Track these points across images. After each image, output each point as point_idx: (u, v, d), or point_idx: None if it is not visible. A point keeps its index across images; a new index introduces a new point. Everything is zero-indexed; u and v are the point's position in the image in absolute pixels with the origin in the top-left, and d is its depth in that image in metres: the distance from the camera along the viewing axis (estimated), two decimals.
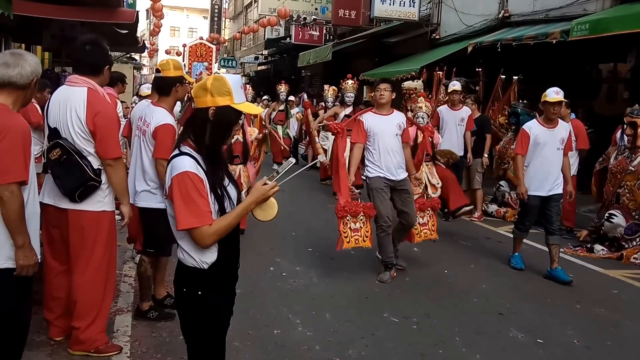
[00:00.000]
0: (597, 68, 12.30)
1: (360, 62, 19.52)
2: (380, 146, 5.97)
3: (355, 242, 5.98)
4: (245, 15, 39.90)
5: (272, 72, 31.82)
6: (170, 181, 2.45)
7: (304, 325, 4.79)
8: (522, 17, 12.44)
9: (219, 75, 2.63)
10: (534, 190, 6.28)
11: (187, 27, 65.96)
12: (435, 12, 15.91)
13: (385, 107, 6.07)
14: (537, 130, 6.33)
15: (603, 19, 9.32)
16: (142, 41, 16.54)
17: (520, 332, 4.80)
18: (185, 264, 2.55)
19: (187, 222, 2.41)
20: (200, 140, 2.54)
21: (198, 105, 2.54)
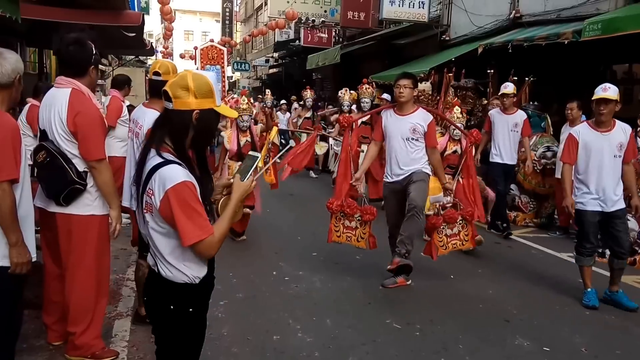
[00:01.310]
0: (612, 69, 12.13)
1: (370, 64, 19.45)
2: (389, 149, 5.78)
3: (347, 239, 5.98)
4: (256, 18, 40.02)
5: (283, 75, 31.85)
6: (164, 194, 2.26)
7: (304, 331, 4.73)
8: (533, 18, 12.32)
9: (200, 74, 2.43)
10: (589, 205, 5.54)
11: (201, 31, 66.16)
12: (445, 13, 15.81)
13: (405, 106, 5.69)
14: (587, 135, 5.60)
15: (616, 18, 9.19)
16: (150, 44, 16.57)
17: (526, 340, 4.71)
18: (175, 281, 2.39)
19: (194, 235, 2.26)
20: (181, 146, 2.39)
21: (178, 106, 2.35)
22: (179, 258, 2.37)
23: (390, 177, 5.85)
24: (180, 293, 2.41)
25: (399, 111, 5.75)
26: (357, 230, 5.96)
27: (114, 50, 17.69)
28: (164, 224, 2.33)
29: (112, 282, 5.13)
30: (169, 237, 2.35)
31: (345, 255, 6.93)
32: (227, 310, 5.11)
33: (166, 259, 2.37)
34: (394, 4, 15.46)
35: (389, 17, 15.81)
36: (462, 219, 5.96)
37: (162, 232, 2.35)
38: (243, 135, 7.36)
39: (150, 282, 2.51)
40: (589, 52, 10.53)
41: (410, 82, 5.64)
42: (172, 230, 2.32)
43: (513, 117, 8.26)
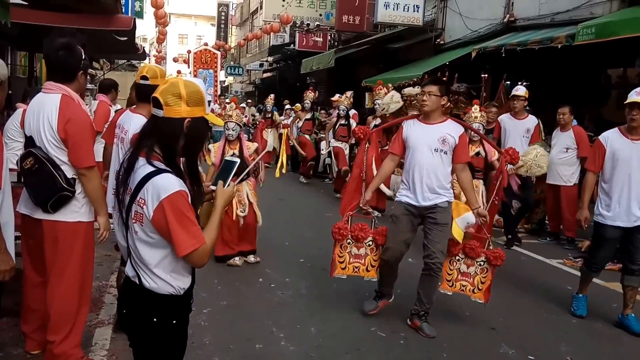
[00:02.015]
0: (606, 73, 12.17)
1: (364, 68, 19.49)
2: (412, 162, 4.92)
3: (354, 270, 5.21)
4: (251, 22, 40.10)
5: (277, 79, 31.88)
6: (159, 204, 2.24)
7: (287, 339, 4.72)
8: (527, 22, 12.35)
9: (191, 81, 2.41)
10: (613, 219, 5.14)
11: (196, 35, 66.26)
12: (440, 17, 15.85)
13: (431, 115, 4.88)
14: (617, 143, 5.16)
15: (610, 22, 9.22)
16: (142, 48, 16.59)
17: (512, 348, 4.70)
18: (160, 292, 2.36)
19: (189, 245, 2.26)
20: (172, 154, 2.37)
21: (170, 114, 2.32)
22: (166, 269, 2.36)
23: (410, 198, 4.95)
24: (165, 305, 2.39)
25: (426, 120, 4.94)
26: (367, 258, 5.24)
27: (105, 54, 17.69)
28: (154, 234, 2.31)
29: (94, 289, 5.11)
30: (157, 248, 2.34)
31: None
32: (211, 318, 5.09)
33: (152, 270, 2.35)
34: (388, 7, 15.49)
35: (384, 20, 15.84)
36: (485, 260, 5.05)
37: (150, 243, 2.33)
38: (231, 146, 6.65)
39: (129, 294, 2.47)
40: (583, 57, 10.58)
41: (437, 89, 4.82)
42: (161, 241, 2.31)
43: (524, 123, 8.04)
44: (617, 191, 5.15)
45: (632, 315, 5.26)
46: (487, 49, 11.97)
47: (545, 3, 12.01)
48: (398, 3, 15.34)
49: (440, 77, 5.32)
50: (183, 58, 36.71)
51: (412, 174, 4.90)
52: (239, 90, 43.11)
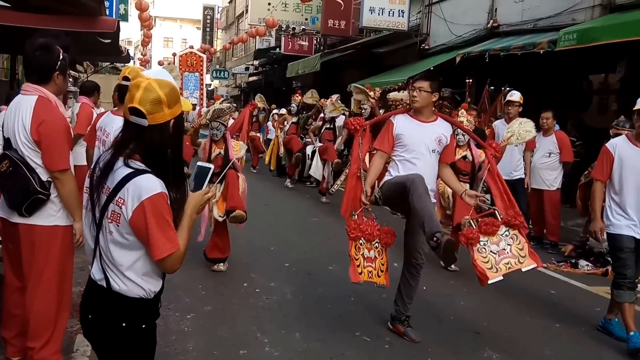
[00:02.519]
0: (588, 79, 12.28)
1: (350, 72, 19.53)
2: (410, 161, 4.72)
3: (368, 275, 4.69)
4: (237, 25, 40.01)
5: (263, 83, 31.85)
6: (140, 204, 2.20)
7: (271, 345, 4.67)
8: (510, 27, 12.46)
9: (162, 80, 2.32)
10: (625, 229, 4.87)
11: (181, 38, 66.07)
12: (425, 22, 15.94)
13: (424, 112, 4.72)
14: (625, 150, 4.93)
15: (591, 28, 9.32)
16: (126, 51, 16.48)
17: (496, 352, 4.70)
18: (129, 295, 2.31)
19: (166, 249, 2.22)
20: (156, 158, 2.30)
21: (156, 121, 2.26)
22: (138, 272, 2.31)
23: None
24: (134, 309, 2.34)
25: (419, 117, 4.74)
26: (377, 262, 4.78)
27: (89, 57, 17.55)
28: (129, 236, 2.26)
29: (75, 294, 5.01)
30: (131, 250, 2.29)
31: (318, 266, 6.90)
32: (194, 323, 5.03)
33: (123, 272, 2.30)
34: (373, 12, 15.55)
35: (369, 25, 15.90)
36: (507, 228, 4.79)
37: (124, 244, 2.28)
38: (216, 146, 6.57)
39: (94, 297, 2.39)
40: (565, 62, 10.66)
41: (428, 85, 4.63)
42: (135, 242, 2.27)
43: None
44: (631, 201, 4.88)
45: (616, 320, 5.19)
46: (471, 54, 12.05)
47: (528, 9, 12.12)
48: (383, 8, 15.40)
49: (432, 73, 4.98)
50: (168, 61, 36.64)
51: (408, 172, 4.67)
52: (225, 94, 42.99)
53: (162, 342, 4.55)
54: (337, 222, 9.52)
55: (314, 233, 8.79)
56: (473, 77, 11.56)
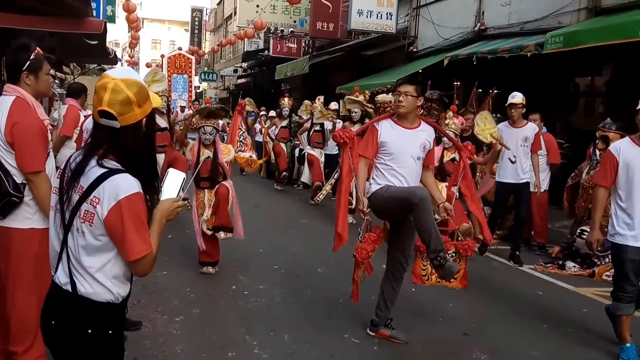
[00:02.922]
0: (574, 82, 12.37)
1: (338, 75, 19.55)
2: (396, 170, 4.62)
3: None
4: (225, 27, 39.94)
5: (252, 85, 31.81)
6: (116, 203, 2.15)
7: (260, 347, 4.66)
8: (497, 30, 12.52)
9: (128, 78, 2.25)
10: (631, 239, 4.57)
11: (169, 40, 65.86)
12: (413, 25, 15.97)
13: (407, 117, 4.64)
14: (630, 153, 4.62)
15: (577, 31, 9.39)
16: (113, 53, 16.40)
17: (484, 354, 4.71)
18: (97, 299, 2.23)
19: (141, 250, 2.18)
20: (131, 158, 2.27)
21: (127, 122, 2.22)
22: (107, 275, 2.24)
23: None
24: (101, 314, 2.26)
25: (404, 123, 4.66)
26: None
27: (76, 58, 17.45)
28: (102, 237, 2.20)
29: None
30: (102, 252, 2.23)
31: (307, 268, 6.90)
32: (183, 326, 5.01)
33: (93, 275, 2.22)
34: (362, 14, 15.56)
35: (357, 28, 15.91)
36: (455, 252, 4.98)
37: (96, 246, 2.21)
38: (206, 148, 6.45)
39: (58, 303, 2.29)
40: (552, 65, 10.73)
41: (413, 89, 4.56)
42: (107, 244, 2.21)
43: (523, 131, 7.50)
44: (633, 207, 4.58)
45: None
46: (459, 57, 12.10)
47: (515, 12, 12.19)
48: (371, 11, 15.42)
49: (416, 76, 4.90)
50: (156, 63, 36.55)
51: (394, 183, 4.62)
52: (213, 96, 42.88)
53: (150, 345, 4.58)
54: (326, 224, 9.53)
55: (303, 235, 8.79)
56: (461, 80, 11.60)
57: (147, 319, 5.09)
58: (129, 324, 4.83)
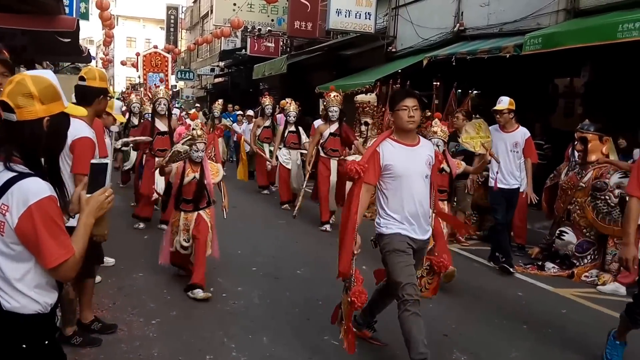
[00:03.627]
0: (553, 83, 12.53)
1: (317, 74, 19.57)
2: (405, 192, 4.28)
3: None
4: (201, 26, 39.76)
5: (229, 85, 31.71)
6: (27, 209, 2.05)
7: (238, 350, 4.66)
8: (477, 31, 12.63)
9: (39, 75, 2.22)
10: None
11: (144, 38, 65.39)
12: (392, 25, 16.05)
13: (411, 134, 4.31)
14: None
15: (556, 33, 9.51)
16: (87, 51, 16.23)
17: (464, 355, 4.76)
18: (25, 312, 2.13)
19: (59, 255, 2.08)
20: (36, 158, 2.19)
21: (24, 117, 2.14)
22: (29, 284, 2.14)
23: (408, 231, 4.31)
24: (32, 326, 2.17)
25: (405, 140, 4.31)
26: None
27: (49, 56, 17.25)
28: (16, 245, 2.10)
29: None
30: (19, 261, 2.12)
31: (286, 270, 6.90)
32: (159, 329, 4.98)
33: (15, 286, 2.11)
34: (340, 14, 15.59)
35: (336, 27, 15.93)
36: (429, 266, 4.86)
37: (11, 255, 2.11)
38: (191, 169, 5.94)
39: None
40: (531, 66, 10.86)
41: (417, 102, 4.25)
42: (23, 252, 2.11)
43: (513, 136, 7.30)
44: None
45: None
46: (438, 57, 12.19)
47: (494, 13, 12.32)
48: (350, 10, 15.46)
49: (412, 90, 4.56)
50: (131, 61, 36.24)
51: (406, 206, 4.27)
52: (190, 95, 42.66)
53: (126, 349, 4.56)
54: (304, 225, 9.57)
55: (281, 237, 8.78)
56: (440, 80, 11.70)
57: (122, 321, 5.05)
58: (104, 327, 4.81)
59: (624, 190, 6.93)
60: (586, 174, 7.38)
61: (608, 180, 7.13)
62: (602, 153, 7.33)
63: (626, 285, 6.66)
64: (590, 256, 7.25)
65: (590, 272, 7.13)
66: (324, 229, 9.21)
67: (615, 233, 7.01)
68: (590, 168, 7.34)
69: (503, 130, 7.34)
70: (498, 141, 7.29)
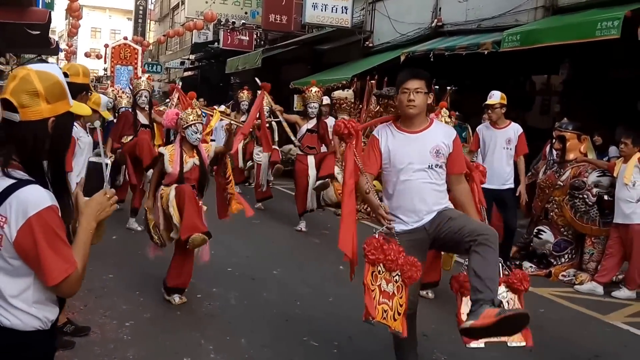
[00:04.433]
0: (531, 80, 12.74)
1: (292, 69, 19.57)
2: (399, 187, 3.95)
3: (382, 314, 3.76)
4: (171, 17, 39.42)
5: (199, 79, 31.51)
6: (26, 222, 1.93)
7: (216, 352, 4.69)
8: (455, 27, 12.78)
9: (45, 71, 2.08)
10: None
11: (110, 29, 64.64)
12: (369, 20, 16.15)
13: (416, 120, 3.94)
14: None
15: (534, 30, 9.67)
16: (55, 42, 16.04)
17: (444, 355, 4.85)
18: (25, 329, 2.02)
19: (62, 270, 1.96)
20: (38, 163, 2.06)
21: (28, 117, 2.00)
22: (29, 301, 2.02)
23: (407, 223, 3.95)
24: (33, 344, 2.06)
25: (408, 127, 3.97)
26: (394, 300, 3.83)
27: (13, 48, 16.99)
28: (15, 260, 1.98)
29: None
30: (17, 276, 2.00)
31: (262, 270, 6.93)
32: (134, 331, 4.99)
33: (12, 303, 1.99)
34: (316, 8, 15.64)
35: (312, 21, 15.99)
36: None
37: (8, 270, 1.99)
38: (189, 155, 5.65)
39: None
40: (509, 63, 11.02)
41: (423, 84, 3.88)
42: (22, 267, 1.99)
43: (505, 132, 7.13)
44: None
45: None
46: (415, 53, 12.29)
47: (472, 9, 12.46)
48: (326, 4, 15.51)
49: (419, 69, 4.06)
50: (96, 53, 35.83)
51: (401, 201, 3.96)
52: (157, 89, 42.26)
53: (100, 351, 4.56)
54: (279, 224, 9.60)
55: (256, 236, 8.79)
56: None
57: (95, 324, 5.04)
58: (77, 330, 4.80)
59: (602, 189, 7.15)
60: (564, 173, 7.52)
61: (586, 179, 7.28)
62: (581, 152, 7.49)
63: (603, 284, 6.86)
64: (567, 255, 7.41)
65: (568, 271, 7.29)
66: (299, 229, 9.21)
67: (592, 232, 7.19)
68: (569, 167, 7.49)
69: (494, 127, 7.23)
70: (490, 139, 7.19)
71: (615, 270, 6.96)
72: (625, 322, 6.02)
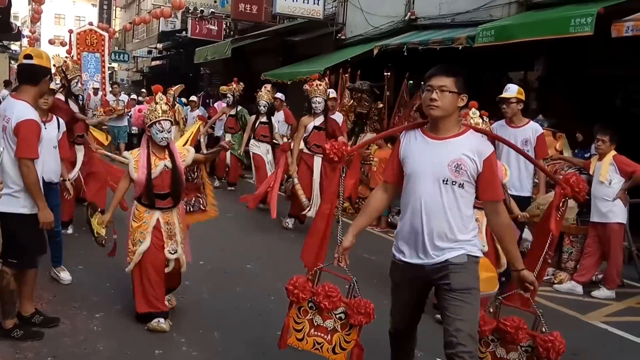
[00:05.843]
0: (508, 76, 12.86)
1: (263, 60, 19.49)
2: (408, 198, 3.46)
3: (314, 345, 3.73)
4: (138, 4, 38.94)
5: (167, 68, 31.21)
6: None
7: (189, 345, 4.69)
8: (428, 21, 12.83)
9: None
10: None
11: (74, 15, 63.57)
12: (341, 11, 16.14)
13: (441, 124, 3.39)
14: None
15: (509, 25, 9.78)
16: (16, 28, 15.72)
17: (420, 351, 4.88)
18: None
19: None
20: None
21: None
22: None
23: (406, 255, 3.51)
24: None
25: (432, 132, 3.44)
26: (336, 336, 3.72)
27: None
28: None
29: None
30: None
31: (235, 263, 6.93)
32: (104, 323, 4.97)
33: None
34: None
35: (283, 12, 15.93)
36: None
37: None
38: (158, 157, 4.90)
39: None
40: (484, 58, 11.12)
41: (452, 83, 3.36)
42: None
43: (522, 132, 6.51)
44: None
45: None
46: (389, 47, 12.32)
47: (445, 3, 12.53)
48: None
49: (453, 65, 3.53)
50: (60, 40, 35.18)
51: (408, 217, 3.45)
52: (125, 78, 41.76)
53: (70, 343, 4.53)
54: (252, 219, 9.58)
55: (229, 230, 8.76)
56: (392, 70, 11.82)
57: (64, 315, 5.03)
58: (46, 320, 4.77)
59: None
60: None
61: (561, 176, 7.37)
62: (556, 149, 7.58)
63: (582, 283, 6.96)
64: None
65: (547, 270, 7.38)
66: (286, 224, 9.09)
67: (570, 231, 7.28)
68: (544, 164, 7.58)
69: (510, 125, 6.60)
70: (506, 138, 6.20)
71: (594, 270, 7.03)
72: (604, 321, 6.15)
